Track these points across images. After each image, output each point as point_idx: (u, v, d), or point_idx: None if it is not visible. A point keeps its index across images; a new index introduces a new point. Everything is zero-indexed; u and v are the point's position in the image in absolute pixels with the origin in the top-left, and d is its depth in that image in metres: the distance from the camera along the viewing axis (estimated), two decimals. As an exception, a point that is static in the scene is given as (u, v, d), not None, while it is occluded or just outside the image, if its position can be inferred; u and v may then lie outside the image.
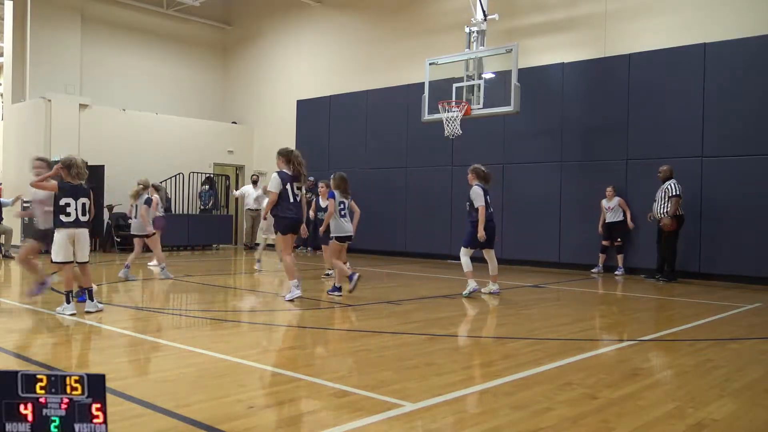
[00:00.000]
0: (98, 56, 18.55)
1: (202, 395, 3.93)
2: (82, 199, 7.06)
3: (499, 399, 3.94)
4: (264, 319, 7.15)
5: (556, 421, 3.49)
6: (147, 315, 7.33)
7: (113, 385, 3.95)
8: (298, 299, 8.24)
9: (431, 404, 3.78)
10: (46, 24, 17.45)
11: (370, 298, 8.70)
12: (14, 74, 17.79)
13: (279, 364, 4.95)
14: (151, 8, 19.51)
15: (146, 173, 17.48)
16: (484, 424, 3.44)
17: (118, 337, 5.91)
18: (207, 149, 19.49)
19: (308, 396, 4.00)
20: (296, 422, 3.48)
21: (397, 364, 4.85)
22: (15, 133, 17.58)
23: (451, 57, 13.12)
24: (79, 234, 7.00)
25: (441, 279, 11.40)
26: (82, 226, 7.03)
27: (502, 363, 5.01)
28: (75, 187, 7.04)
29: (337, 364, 4.96)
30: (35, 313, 7.10)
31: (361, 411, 3.62)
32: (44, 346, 5.53)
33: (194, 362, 4.86)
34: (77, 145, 16.74)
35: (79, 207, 6.98)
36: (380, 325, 6.66)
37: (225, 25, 21.37)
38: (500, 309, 8.15)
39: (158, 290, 9.55)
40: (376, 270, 12.83)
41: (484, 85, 12.56)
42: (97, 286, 9.38)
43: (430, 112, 13.07)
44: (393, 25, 17.03)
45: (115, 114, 17.76)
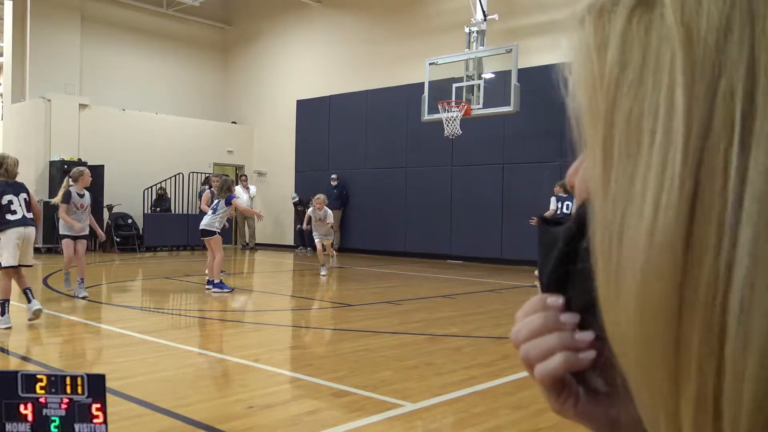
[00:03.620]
0: (98, 56, 18.54)
1: (201, 395, 3.93)
2: (23, 195, 6.47)
3: (499, 399, 3.94)
4: (264, 319, 7.15)
5: (555, 421, 3.49)
6: (146, 315, 7.33)
7: (113, 385, 3.95)
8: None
9: (431, 404, 3.78)
10: (45, 24, 17.44)
11: (370, 298, 8.71)
12: (14, 74, 17.78)
13: (279, 363, 4.95)
14: (151, 8, 19.50)
15: (146, 173, 17.54)
16: (484, 424, 3.44)
17: (117, 337, 5.91)
18: (207, 149, 19.48)
19: (308, 396, 4.00)
20: (296, 422, 3.48)
21: (397, 364, 4.85)
22: (15, 133, 17.57)
23: (450, 57, 13.12)
24: (28, 233, 6.38)
25: (441, 279, 11.41)
26: (29, 224, 6.41)
27: (502, 363, 5.01)
28: (11, 184, 6.47)
29: (336, 364, 4.96)
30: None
31: (361, 411, 3.62)
32: (44, 346, 5.53)
33: (194, 362, 4.86)
34: (77, 144, 16.74)
35: (23, 203, 6.41)
36: (380, 325, 6.66)
37: (225, 25, 21.36)
38: (500, 309, 8.15)
39: (158, 290, 9.54)
40: (376, 270, 12.83)
41: (484, 85, 12.56)
42: (98, 285, 9.38)
43: (430, 112, 13.07)
44: (393, 25, 17.03)
45: (114, 114, 17.76)
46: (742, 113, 0.28)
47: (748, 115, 0.28)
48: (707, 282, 0.29)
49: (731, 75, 0.28)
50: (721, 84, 0.28)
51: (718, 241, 0.28)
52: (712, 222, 0.28)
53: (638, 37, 0.31)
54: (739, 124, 0.28)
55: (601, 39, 0.33)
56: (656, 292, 0.30)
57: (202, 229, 9.30)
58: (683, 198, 0.29)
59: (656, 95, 0.30)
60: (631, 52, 0.31)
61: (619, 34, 0.32)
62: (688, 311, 0.30)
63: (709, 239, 0.29)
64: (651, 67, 0.31)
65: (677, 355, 0.30)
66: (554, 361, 0.43)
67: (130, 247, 16.17)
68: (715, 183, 0.29)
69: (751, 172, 0.28)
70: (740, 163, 0.28)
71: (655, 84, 0.30)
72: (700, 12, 0.29)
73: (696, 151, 0.29)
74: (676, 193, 0.29)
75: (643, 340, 0.31)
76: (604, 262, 0.33)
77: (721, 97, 0.28)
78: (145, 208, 17.05)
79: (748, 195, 0.28)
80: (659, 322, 0.30)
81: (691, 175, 0.29)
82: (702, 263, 0.29)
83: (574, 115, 0.36)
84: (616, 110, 0.32)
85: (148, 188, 17.29)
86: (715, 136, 0.29)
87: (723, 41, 0.28)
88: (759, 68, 0.28)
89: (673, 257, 0.30)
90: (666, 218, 0.30)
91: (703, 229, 0.29)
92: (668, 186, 0.30)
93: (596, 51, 0.33)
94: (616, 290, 0.33)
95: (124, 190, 16.71)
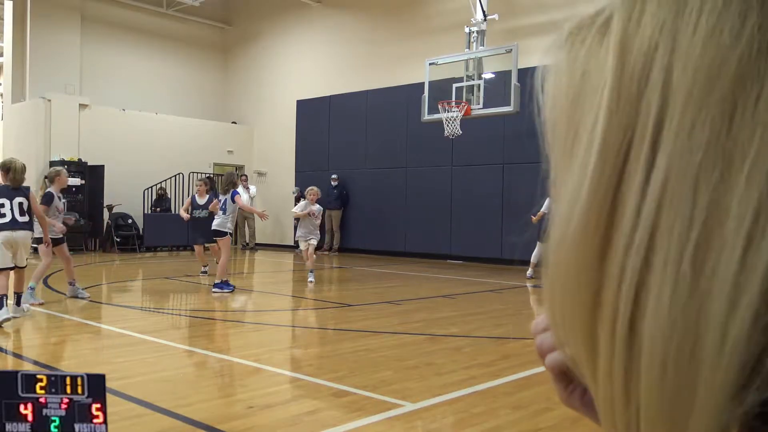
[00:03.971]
0: (98, 56, 18.55)
1: (202, 395, 3.93)
2: (19, 199, 6.42)
3: (499, 399, 3.94)
4: (264, 319, 7.15)
5: (555, 421, 3.49)
6: (146, 315, 7.33)
7: (113, 385, 3.95)
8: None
9: (431, 404, 3.78)
10: (46, 24, 17.44)
11: (370, 298, 8.70)
12: (14, 74, 17.78)
13: (279, 363, 4.95)
14: (151, 8, 19.50)
15: (146, 173, 17.53)
16: (484, 424, 3.44)
17: (117, 337, 5.91)
18: (207, 149, 19.48)
19: (308, 396, 4.00)
20: (296, 422, 3.48)
21: (397, 364, 4.85)
22: (15, 133, 17.58)
23: (450, 57, 13.12)
24: (17, 237, 6.33)
25: (441, 279, 11.40)
26: (19, 227, 6.36)
27: (502, 363, 5.01)
28: (10, 188, 6.45)
29: (336, 364, 4.96)
30: (36, 314, 7.09)
31: (361, 411, 3.62)
32: (44, 346, 5.53)
33: (194, 362, 4.86)
34: (77, 145, 16.74)
35: (16, 207, 6.38)
36: (380, 325, 6.66)
37: (225, 25, 21.36)
38: (500, 309, 8.15)
39: (158, 290, 9.54)
40: (376, 270, 12.83)
41: (484, 85, 12.56)
42: (98, 285, 9.38)
43: (430, 112, 13.06)
44: (393, 25, 17.03)
45: (114, 114, 17.76)
46: (656, 123, 0.31)
47: (659, 125, 0.31)
48: (617, 268, 0.31)
49: (650, 94, 0.31)
50: (647, 92, 0.32)
51: (627, 227, 0.31)
52: (621, 230, 0.31)
53: (594, 52, 0.35)
54: (650, 133, 0.31)
55: (573, 56, 0.37)
56: (573, 295, 0.34)
57: (215, 230, 9.25)
58: (599, 189, 0.33)
59: (593, 101, 0.34)
60: (588, 65, 0.35)
61: (586, 50, 0.36)
62: (604, 289, 0.32)
63: (620, 225, 0.32)
64: (593, 77, 0.34)
65: (594, 339, 0.33)
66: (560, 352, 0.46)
67: (130, 247, 16.17)
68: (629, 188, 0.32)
69: (654, 175, 0.31)
70: (647, 166, 0.31)
71: (594, 91, 0.34)
72: (636, 32, 0.33)
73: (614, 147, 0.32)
74: (594, 182, 0.33)
75: (566, 317, 0.35)
76: (552, 257, 0.36)
77: (645, 102, 0.32)
78: (145, 208, 17.06)
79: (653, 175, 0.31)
80: (577, 300, 0.34)
81: (609, 181, 0.32)
82: (614, 258, 0.32)
83: (544, 125, 0.40)
84: (568, 119, 0.36)
85: (148, 188, 17.30)
86: (635, 134, 0.32)
87: (653, 52, 0.32)
88: (672, 78, 0.31)
89: (587, 256, 0.33)
90: (579, 221, 0.33)
91: (613, 212, 0.32)
92: (588, 178, 0.33)
93: (567, 67, 0.37)
94: (551, 285, 0.36)
95: (124, 190, 16.71)
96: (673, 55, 0.31)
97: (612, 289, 0.32)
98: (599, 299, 0.32)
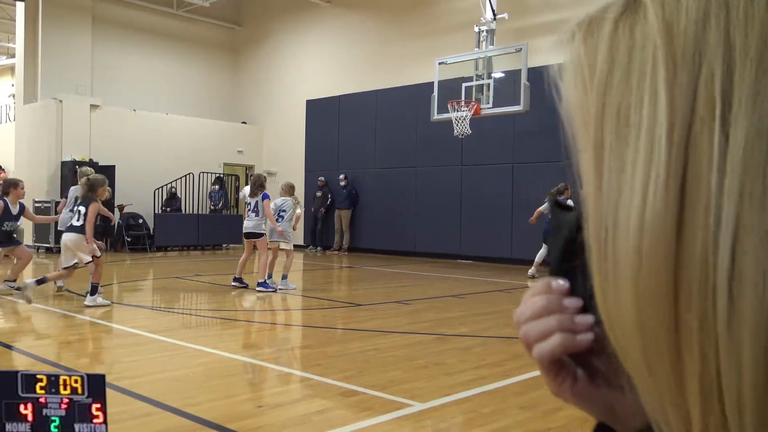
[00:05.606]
0: (109, 57, 18.64)
1: (211, 394, 3.93)
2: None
3: (508, 399, 3.91)
4: (273, 319, 7.15)
5: (565, 422, 3.46)
6: (157, 314, 7.36)
7: (122, 383, 3.96)
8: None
9: (440, 404, 3.76)
10: (57, 25, 17.55)
11: (380, 297, 8.69)
12: (26, 75, 17.91)
13: (288, 363, 4.95)
14: (162, 9, 19.58)
15: (157, 173, 17.61)
16: (494, 423, 3.41)
17: (128, 336, 5.93)
18: (217, 149, 19.54)
19: (317, 395, 3.99)
20: (305, 422, 3.47)
21: (406, 363, 4.83)
22: (27, 133, 17.70)
23: (460, 56, 13.08)
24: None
25: (451, 279, 11.37)
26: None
27: (511, 363, 4.98)
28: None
29: (345, 364, 4.94)
30: (45, 312, 7.13)
31: (369, 411, 3.61)
32: (55, 345, 5.55)
33: (203, 361, 4.86)
34: (88, 145, 16.84)
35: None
36: (389, 324, 6.65)
37: (235, 26, 21.42)
38: (510, 309, 8.11)
39: (168, 290, 9.57)
40: (385, 270, 12.82)
41: (494, 85, 12.51)
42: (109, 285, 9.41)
43: (440, 111, 13.03)
44: (402, 24, 17.01)
45: (125, 114, 17.85)
46: (722, 92, 0.30)
47: (728, 93, 0.29)
48: (699, 264, 0.29)
49: (711, 60, 0.30)
50: (703, 70, 0.30)
51: (706, 221, 0.29)
52: (700, 203, 0.30)
53: (624, 39, 0.34)
54: (719, 104, 0.30)
55: (591, 46, 0.36)
56: (651, 277, 0.31)
57: (252, 232, 9.25)
58: (671, 184, 0.30)
59: (641, 89, 0.32)
60: (618, 52, 0.34)
61: (607, 38, 0.35)
62: (684, 294, 0.30)
63: (698, 221, 0.30)
64: (636, 64, 0.33)
65: (678, 340, 0.30)
66: (551, 341, 0.44)
67: (141, 247, 16.24)
68: (701, 165, 0.30)
69: (732, 147, 0.29)
70: (721, 139, 0.29)
71: (641, 78, 0.33)
72: (679, 8, 0.31)
73: (681, 137, 0.31)
74: (663, 180, 0.31)
75: (642, 328, 0.32)
76: (598, 252, 0.34)
77: (703, 83, 0.30)
78: (155, 207, 17.13)
79: (728, 170, 0.29)
80: (656, 308, 0.31)
81: (677, 161, 0.31)
82: (693, 245, 0.30)
83: (566, 119, 0.39)
84: (606, 109, 0.34)
85: (159, 188, 17.37)
86: (699, 120, 0.30)
87: (701, 31, 0.30)
88: (735, 50, 0.30)
89: (665, 242, 0.30)
90: (655, 205, 0.31)
91: (692, 211, 0.30)
92: (655, 174, 0.31)
93: (586, 57, 0.36)
94: (612, 279, 0.33)
95: (134, 190, 16.78)
96: (728, 18, 0.30)
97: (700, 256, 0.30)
98: (679, 278, 0.30)
